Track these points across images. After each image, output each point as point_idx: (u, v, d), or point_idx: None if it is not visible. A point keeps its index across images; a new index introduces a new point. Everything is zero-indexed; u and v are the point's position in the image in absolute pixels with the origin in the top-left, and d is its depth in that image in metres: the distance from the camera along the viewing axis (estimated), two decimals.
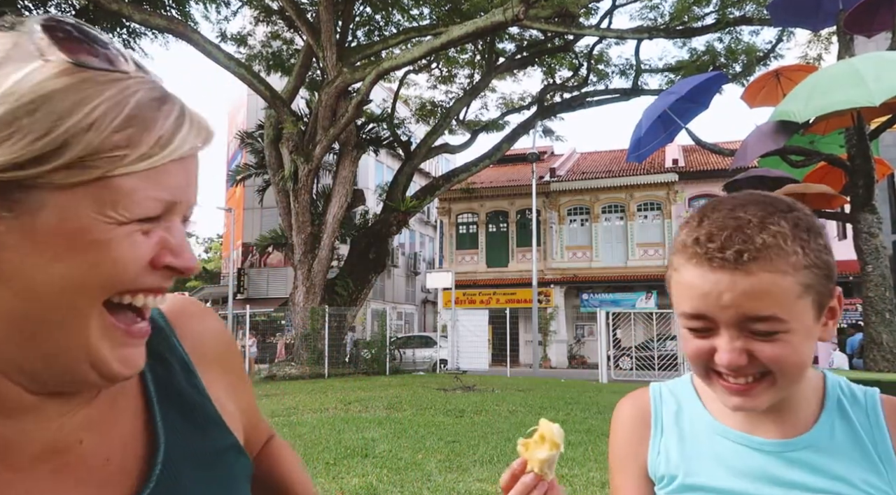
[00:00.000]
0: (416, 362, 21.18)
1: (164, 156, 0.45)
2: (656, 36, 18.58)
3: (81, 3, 17.94)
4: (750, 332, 0.69)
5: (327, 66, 17.16)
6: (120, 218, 0.44)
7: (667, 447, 0.82)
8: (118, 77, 0.45)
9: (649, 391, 0.88)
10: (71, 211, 0.42)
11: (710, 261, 0.69)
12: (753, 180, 8.87)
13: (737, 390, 0.72)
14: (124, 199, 0.44)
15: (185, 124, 0.47)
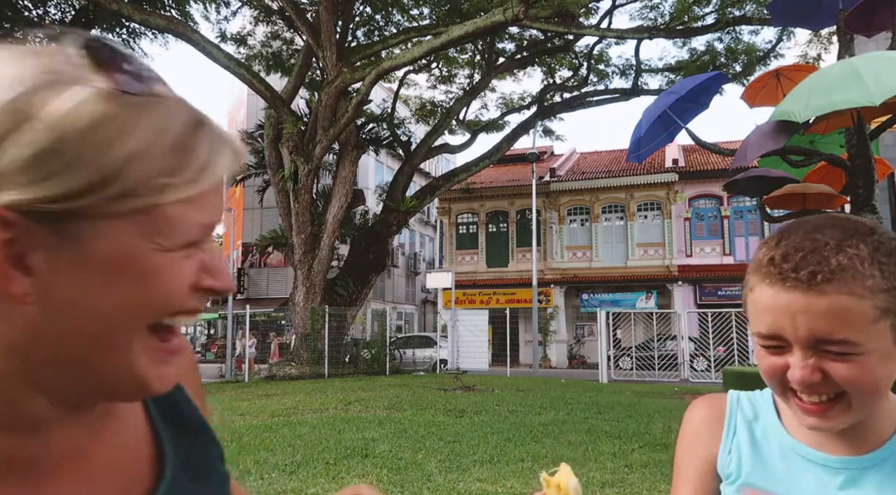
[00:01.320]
0: (416, 362, 21.19)
1: (207, 180, 0.45)
2: (656, 36, 18.58)
3: (81, 3, 17.94)
4: (823, 351, 0.69)
5: (327, 66, 17.16)
6: (167, 244, 0.44)
7: (738, 447, 0.83)
8: (157, 101, 0.44)
9: (727, 395, 0.89)
10: (120, 239, 0.42)
11: (784, 281, 0.69)
12: (753, 180, 8.87)
13: (812, 410, 0.72)
14: (171, 227, 0.43)
15: (221, 148, 0.46)
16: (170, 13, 18.22)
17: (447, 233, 29.17)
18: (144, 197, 0.42)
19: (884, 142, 13.73)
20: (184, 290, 0.45)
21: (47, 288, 0.41)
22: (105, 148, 0.40)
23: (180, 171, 0.43)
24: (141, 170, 0.41)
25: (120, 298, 0.43)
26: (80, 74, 0.41)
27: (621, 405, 10.18)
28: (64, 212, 0.40)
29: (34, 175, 0.39)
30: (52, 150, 0.39)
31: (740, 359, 16.91)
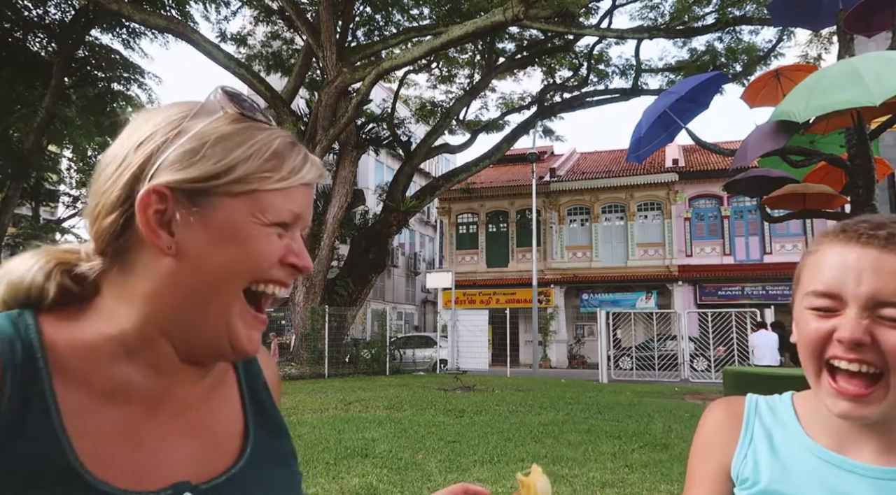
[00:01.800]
0: (416, 362, 21.18)
1: (296, 180, 0.64)
2: (656, 36, 18.58)
3: (81, 3, 17.94)
4: (878, 317, 0.69)
5: (327, 66, 17.15)
6: (264, 220, 0.61)
7: (755, 453, 0.82)
8: (266, 127, 0.65)
9: (745, 399, 0.89)
10: (233, 212, 0.60)
11: (860, 237, 0.72)
12: (753, 180, 8.87)
13: (847, 393, 0.71)
14: (268, 207, 0.62)
15: (308, 162, 0.66)
16: (170, 13, 18.22)
17: (447, 233, 29.17)
18: (251, 184, 0.61)
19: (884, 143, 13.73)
20: (273, 259, 0.62)
21: (182, 245, 0.59)
22: (228, 150, 0.61)
23: (276, 171, 0.62)
24: (250, 167, 0.61)
25: (228, 256, 0.60)
26: (218, 107, 0.63)
27: (621, 405, 10.17)
28: (198, 190, 0.59)
29: (182, 165, 0.59)
30: (195, 150, 0.60)
31: (740, 359, 16.91)
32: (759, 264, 24.12)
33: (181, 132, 0.60)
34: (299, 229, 0.66)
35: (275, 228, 0.62)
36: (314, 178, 0.66)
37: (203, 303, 0.60)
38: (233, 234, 0.60)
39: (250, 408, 0.72)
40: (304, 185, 0.65)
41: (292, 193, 0.63)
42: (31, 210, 32.75)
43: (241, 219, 0.60)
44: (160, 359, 0.62)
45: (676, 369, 18.44)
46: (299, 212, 0.64)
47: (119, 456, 0.58)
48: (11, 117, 19.19)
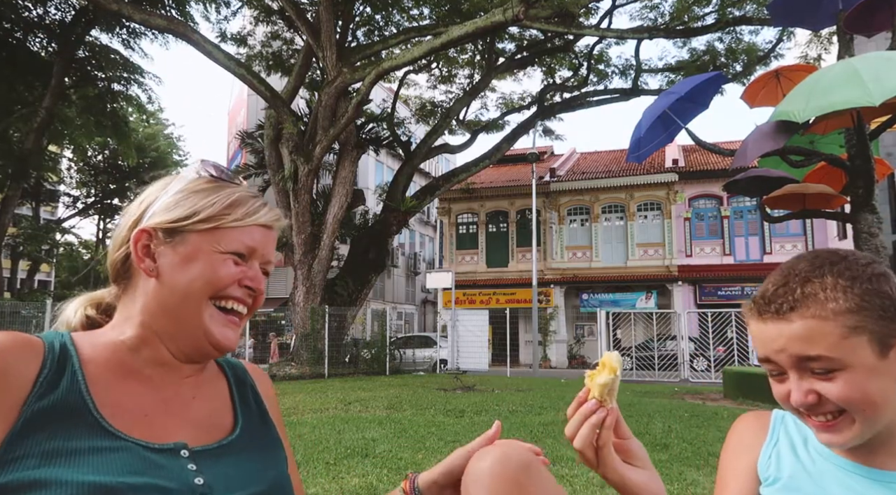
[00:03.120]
0: (416, 362, 21.18)
1: (250, 221, 0.84)
2: (656, 36, 18.57)
3: (81, 4, 17.94)
4: (811, 372, 0.77)
5: (327, 66, 17.15)
6: (221, 248, 0.81)
7: (778, 454, 0.90)
8: (231, 186, 0.87)
9: (773, 412, 0.96)
10: (197, 243, 0.81)
11: (761, 315, 0.80)
12: (753, 180, 8.87)
13: (821, 427, 0.79)
14: (225, 239, 0.82)
15: (265, 208, 0.86)
16: (170, 13, 18.23)
17: (447, 233, 29.17)
18: (212, 223, 0.81)
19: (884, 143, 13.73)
20: (229, 279, 0.81)
21: (161, 268, 0.80)
22: (197, 200, 0.82)
23: (233, 213, 0.83)
24: (212, 211, 0.82)
25: (193, 274, 0.80)
26: (195, 171, 0.87)
27: (621, 405, 10.14)
28: (173, 228, 0.81)
29: (163, 212, 0.82)
30: (175, 201, 0.82)
31: (740, 359, 16.92)
32: (759, 264, 24.12)
33: (167, 191, 0.84)
34: (257, 261, 0.85)
35: (231, 256, 0.81)
36: (269, 221, 0.85)
37: (178, 311, 0.79)
38: (195, 258, 0.80)
39: (238, 403, 0.89)
40: (260, 226, 0.84)
41: (248, 231, 0.83)
42: (31, 210, 32.76)
43: (204, 247, 0.80)
44: (158, 355, 0.81)
45: (676, 369, 18.44)
46: (254, 246, 0.83)
47: (131, 419, 0.76)
48: (11, 117, 19.19)
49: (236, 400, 0.90)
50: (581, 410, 0.82)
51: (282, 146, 18.24)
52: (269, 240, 0.86)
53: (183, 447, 0.77)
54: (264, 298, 0.88)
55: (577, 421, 0.82)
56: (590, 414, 0.81)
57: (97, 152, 32.74)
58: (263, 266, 0.86)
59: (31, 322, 14.33)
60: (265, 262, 0.86)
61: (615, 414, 0.81)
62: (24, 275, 32.72)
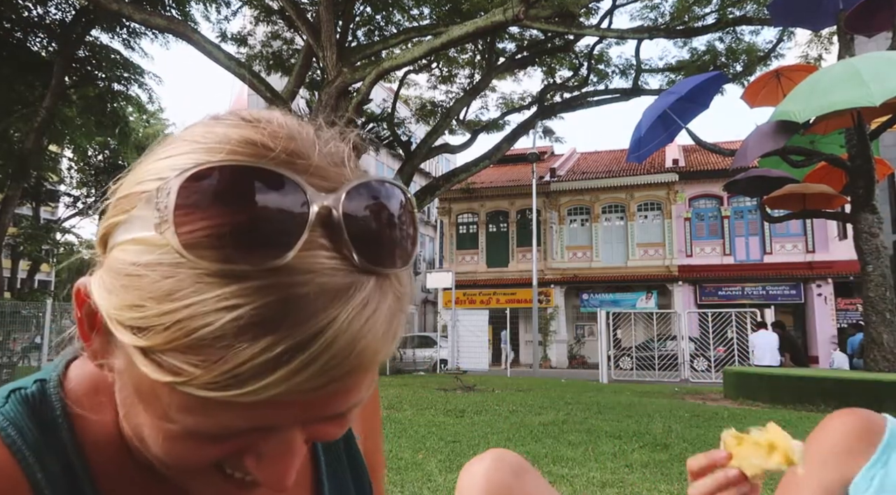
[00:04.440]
0: (416, 362, 21.18)
1: (236, 395, 0.35)
2: (656, 36, 18.56)
3: (81, 4, 17.95)
4: None
5: (327, 66, 17.15)
6: (172, 426, 0.38)
7: (883, 481, 0.76)
8: (236, 276, 0.34)
9: (886, 418, 0.82)
10: (148, 387, 0.38)
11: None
12: (754, 180, 8.88)
13: None
14: (178, 413, 0.37)
15: (285, 366, 0.34)
16: (170, 13, 18.23)
17: (447, 233, 29.16)
18: (163, 369, 0.37)
19: (884, 143, 13.73)
20: (207, 460, 0.40)
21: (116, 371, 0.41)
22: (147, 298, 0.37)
23: (205, 368, 0.35)
24: (167, 341, 0.36)
25: (149, 428, 0.40)
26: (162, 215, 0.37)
27: (621, 405, 10.17)
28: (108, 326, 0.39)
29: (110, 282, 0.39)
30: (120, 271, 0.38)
31: (740, 359, 16.91)
32: (759, 264, 24.13)
33: (124, 223, 0.39)
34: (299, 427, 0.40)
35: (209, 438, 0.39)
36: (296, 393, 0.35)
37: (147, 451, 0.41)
38: (149, 407, 0.39)
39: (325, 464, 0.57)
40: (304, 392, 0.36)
41: (238, 407, 0.36)
42: (32, 210, 32.77)
43: (159, 403, 0.38)
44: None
45: (676, 369, 18.43)
46: (259, 425, 0.38)
47: None
48: (11, 117, 19.20)
49: (322, 468, 0.57)
50: (719, 477, 0.63)
51: None
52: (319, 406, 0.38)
53: None
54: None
55: (711, 488, 0.64)
56: (729, 486, 0.63)
57: (97, 152, 32.75)
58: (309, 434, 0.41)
59: (31, 322, 14.34)
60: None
61: (757, 492, 0.64)
62: (24, 275, 32.75)
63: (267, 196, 0.34)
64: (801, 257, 23.81)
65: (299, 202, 0.34)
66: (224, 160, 0.36)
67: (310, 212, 0.34)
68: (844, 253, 19.72)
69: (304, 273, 0.34)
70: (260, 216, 0.34)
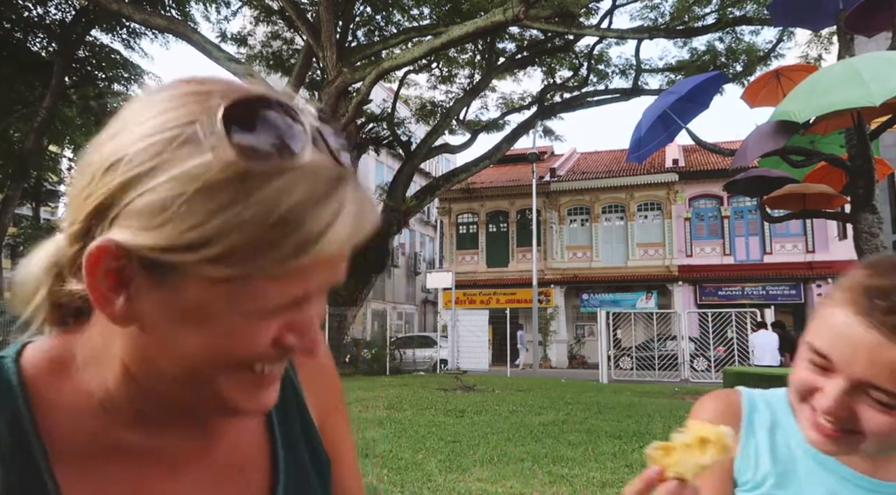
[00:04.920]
0: (416, 362, 21.19)
1: (305, 259, 0.43)
2: (656, 36, 18.57)
3: (82, 4, 17.94)
4: (865, 394, 0.68)
5: (327, 66, 17.15)
6: (249, 311, 0.45)
7: (757, 452, 0.80)
8: (285, 169, 0.43)
9: (741, 394, 0.85)
10: (206, 299, 0.44)
11: (870, 314, 0.67)
12: (754, 180, 8.88)
13: (821, 430, 0.71)
14: (257, 298, 0.44)
15: (338, 221, 0.43)
16: (170, 13, 18.23)
17: (447, 233, 29.16)
18: (234, 266, 0.42)
19: (884, 143, 13.72)
20: (260, 348, 0.47)
21: (145, 318, 0.45)
22: (209, 213, 0.41)
23: (276, 248, 0.42)
24: (235, 242, 0.42)
25: (198, 345, 0.45)
26: (213, 139, 0.43)
27: (621, 405, 10.17)
28: (160, 262, 0.43)
29: (144, 222, 0.42)
30: (164, 204, 0.42)
31: (740, 359, 16.91)
32: (759, 264, 24.13)
33: (156, 168, 0.42)
34: (316, 298, 0.48)
35: (271, 317, 0.46)
36: (342, 242, 0.44)
37: (180, 376, 0.48)
38: (203, 323, 0.45)
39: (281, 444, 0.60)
40: (330, 257, 0.44)
41: (299, 274, 0.44)
42: (32, 210, 32.76)
43: (217, 307, 0.44)
44: (154, 419, 0.52)
45: (676, 369, 18.43)
46: (310, 293, 0.47)
47: None
48: (11, 117, 19.20)
49: (277, 440, 0.60)
50: (658, 493, 0.62)
51: None
52: (340, 265, 0.47)
53: None
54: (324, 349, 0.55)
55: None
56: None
57: None
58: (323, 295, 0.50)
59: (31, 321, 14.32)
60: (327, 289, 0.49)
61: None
62: None
63: (285, 118, 0.45)
64: (801, 257, 23.81)
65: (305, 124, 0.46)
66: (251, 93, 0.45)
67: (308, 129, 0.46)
68: (844, 253, 19.70)
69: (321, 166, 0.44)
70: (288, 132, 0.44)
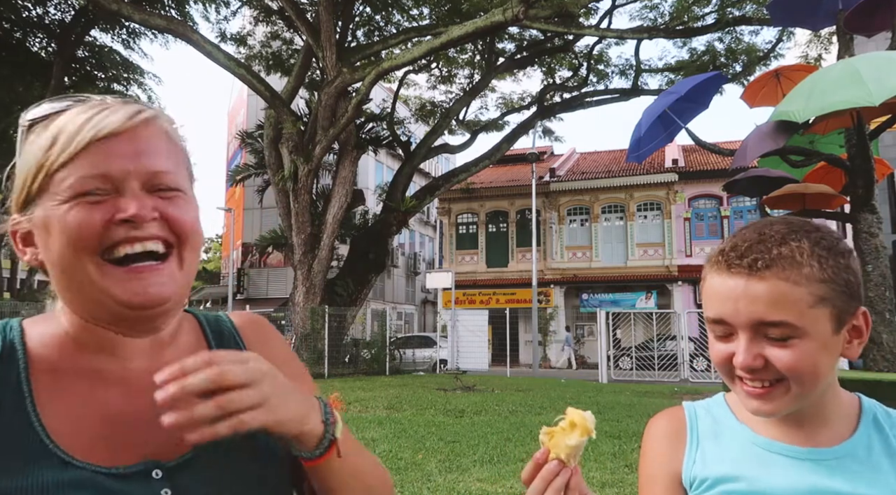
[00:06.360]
0: (416, 362, 21.18)
1: (78, 143, 0.63)
2: (656, 36, 18.57)
3: (81, 4, 17.94)
4: (765, 337, 0.75)
5: (327, 66, 17.15)
6: (62, 198, 0.63)
7: (703, 455, 0.85)
8: (56, 115, 0.67)
9: (683, 408, 0.92)
10: (43, 208, 0.64)
11: (729, 268, 0.76)
12: (753, 180, 8.87)
13: (754, 394, 0.77)
14: (60, 185, 0.63)
15: (97, 115, 0.65)
16: (170, 13, 18.23)
17: (447, 233, 29.16)
18: (41, 173, 0.64)
19: (883, 143, 13.73)
20: (94, 227, 0.62)
21: (42, 253, 0.66)
22: (26, 159, 0.66)
23: (55, 145, 0.64)
24: (35, 158, 0.65)
25: (58, 245, 0.63)
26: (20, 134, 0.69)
27: (621, 405, 10.17)
28: (24, 204, 0.66)
29: (14, 188, 0.67)
30: (17, 172, 0.67)
31: None
32: None
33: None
34: (134, 184, 0.64)
35: (81, 198, 0.63)
36: (105, 128, 0.64)
37: (72, 285, 0.65)
38: (49, 226, 0.64)
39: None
40: (97, 142, 0.63)
41: (82, 158, 0.63)
42: None
43: (48, 208, 0.64)
44: (101, 340, 0.68)
45: (676, 369, 18.44)
46: (107, 171, 0.63)
47: (89, 437, 0.63)
48: (11, 117, 19.20)
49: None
50: (543, 474, 0.71)
51: (282, 146, 18.23)
52: (127, 151, 0.64)
53: (155, 467, 0.64)
54: (187, 219, 0.68)
55: (540, 487, 0.71)
56: (553, 477, 0.71)
57: None
58: (152, 183, 0.65)
59: None
60: (148, 177, 0.65)
61: (579, 473, 0.73)
62: (24, 275, 32.73)
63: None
64: None
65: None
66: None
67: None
68: None
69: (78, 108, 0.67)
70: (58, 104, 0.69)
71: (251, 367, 0.61)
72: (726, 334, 0.78)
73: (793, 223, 0.78)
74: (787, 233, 0.76)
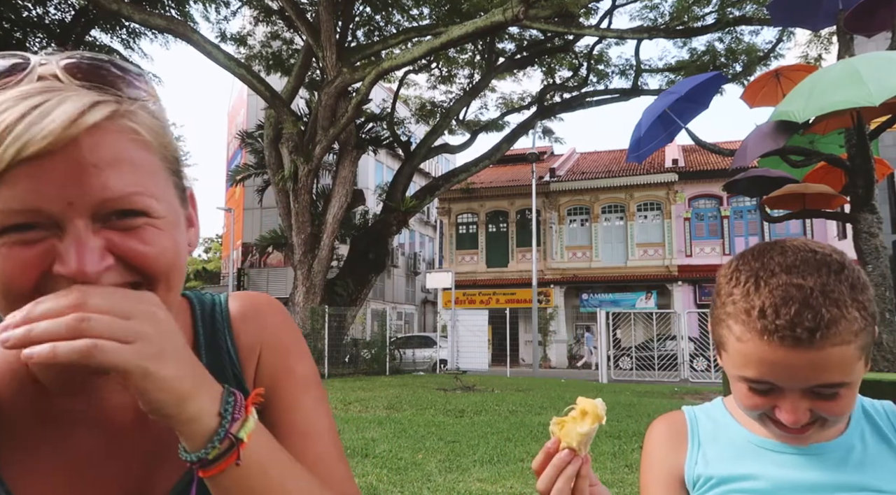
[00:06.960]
0: (416, 362, 21.18)
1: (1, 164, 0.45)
2: (656, 36, 18.57)
3: (81, 4, 17.93)
4: (814, 394, 0.72)
5: (327, 66, 17.15)
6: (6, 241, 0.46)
7: (705, 456, 0.86)
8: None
9: (684, 412, 0.92)
10: None
11: (783, 340, 0.69)
12: (753, 180, 8.87)
13: (795, 438, 0.77)
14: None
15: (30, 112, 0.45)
16: (170, 13, 18.22)
17: (447, 233, 29.16)
18: None
19: (883, 143, 13.73)
20: (28, 279, 0.47)
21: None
22: None
23: None
24: None
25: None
26: None
27: (621, 405, 10.17)
28: None
29: None
30: None
31: None
32: None
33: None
34: (79, 218, 0.47)
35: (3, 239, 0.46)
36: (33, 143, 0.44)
37: None
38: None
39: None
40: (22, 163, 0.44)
41: (3, 185, 0.45)
42: None
43: None
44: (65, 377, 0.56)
45: (676, 369, 18.44)
46: (29, 207, 0.45)
47: (54, 483, 0.55)
48: None
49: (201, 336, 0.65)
50: (554, 462, 0.71)
51: (282, 146, 18.23)
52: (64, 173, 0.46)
53: None
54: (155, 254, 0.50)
55: (552, 475, 0.72)
56: (564, 466, 0.71)
57: None
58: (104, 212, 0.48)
59: None
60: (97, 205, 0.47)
61: (589, 462, 0.73)
62: None
63: None
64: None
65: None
66: None
67: None
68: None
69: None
70: None
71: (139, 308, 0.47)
72: (767, 390, 0.74)
73: (819, 263, 0.72)
74: (825, 283, 0.70)
